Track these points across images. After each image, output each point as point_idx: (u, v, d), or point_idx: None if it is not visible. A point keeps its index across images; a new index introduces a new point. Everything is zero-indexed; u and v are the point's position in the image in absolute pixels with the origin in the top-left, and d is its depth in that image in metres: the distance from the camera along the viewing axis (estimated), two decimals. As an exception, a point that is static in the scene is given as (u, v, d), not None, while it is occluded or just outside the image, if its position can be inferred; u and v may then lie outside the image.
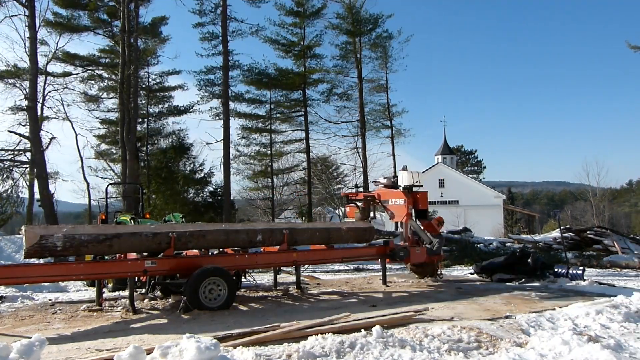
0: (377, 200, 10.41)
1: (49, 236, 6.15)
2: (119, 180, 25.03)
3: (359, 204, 10.60)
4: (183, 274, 7.08)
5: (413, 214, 9.85)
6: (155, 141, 30.68)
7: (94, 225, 6.66)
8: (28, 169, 23.62)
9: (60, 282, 10.67)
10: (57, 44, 25.70)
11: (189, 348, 4.00)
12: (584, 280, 9.28)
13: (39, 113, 23.33)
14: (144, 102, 29.67)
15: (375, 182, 11.08)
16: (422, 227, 9.65)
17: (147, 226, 7.45)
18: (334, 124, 29.94)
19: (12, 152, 23.43)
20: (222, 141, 25.35)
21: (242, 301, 7.81)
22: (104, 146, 30.72)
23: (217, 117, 28.05)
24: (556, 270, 9.94)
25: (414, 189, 9.81)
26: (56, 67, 26.92)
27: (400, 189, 9.85)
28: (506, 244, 17.55)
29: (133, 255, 7.26)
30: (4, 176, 23.13)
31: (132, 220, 9.97)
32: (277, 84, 29.15)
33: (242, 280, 9.09)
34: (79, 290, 10.65)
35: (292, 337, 5.10)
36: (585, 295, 7.90)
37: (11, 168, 23.52)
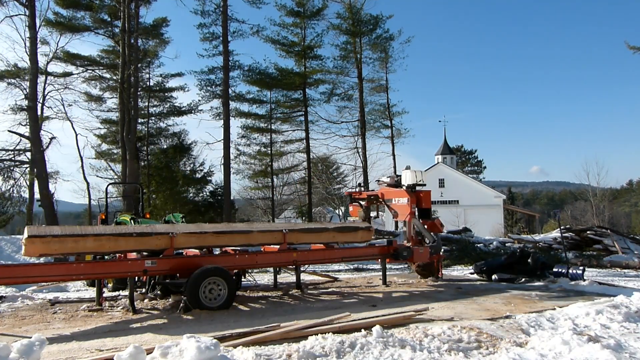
0: (381, 200, 10.52)
1: None
2: (119, 180, 25.04)
3: (362, 202, 10.73)
4: (183, 274, 7.08)
5: (416, 213, 9.86)
6: (156, 141, 30.70)
7: (95, 239, 6.63)
8: (28, 168, 23.62)
9: (60, 282, 10.66)
10: (57, 43, 25.71)
11: (189, 348, 4.00)
12: (584, 280, 9.28)
13: (39, 113, 23.33)
14: (145, 102, 29.69)
15: (378, 181, 11.20)
16: (425, 227, 9.64)
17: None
18: (334, 123, 30.04)
19: (12, 152, 23.44)
20: (222, 141, 25.39)
21: (242, 301, 7.81)
22: (104, 146, 30.76)
23: (217, 117, 28.10)
24: (556, 270, 9.94)
25: (418, 188, 9.88)
26: (57, 67, 26.95)
27: (404, 187, 9.92)
28: (506, 244, 17.49)
29: (133, 255, 7.27)
30: (5, 176, 23.15)
31: (132, 221, 9.95)
32: (277, 84, 29.17)
33: (242, 280, 9.08)
34: (79, 290, 10.64)
35: (292, 337, 5.10)
36: (585, 295, 7.90)
37: (12, 168, 23.52)
